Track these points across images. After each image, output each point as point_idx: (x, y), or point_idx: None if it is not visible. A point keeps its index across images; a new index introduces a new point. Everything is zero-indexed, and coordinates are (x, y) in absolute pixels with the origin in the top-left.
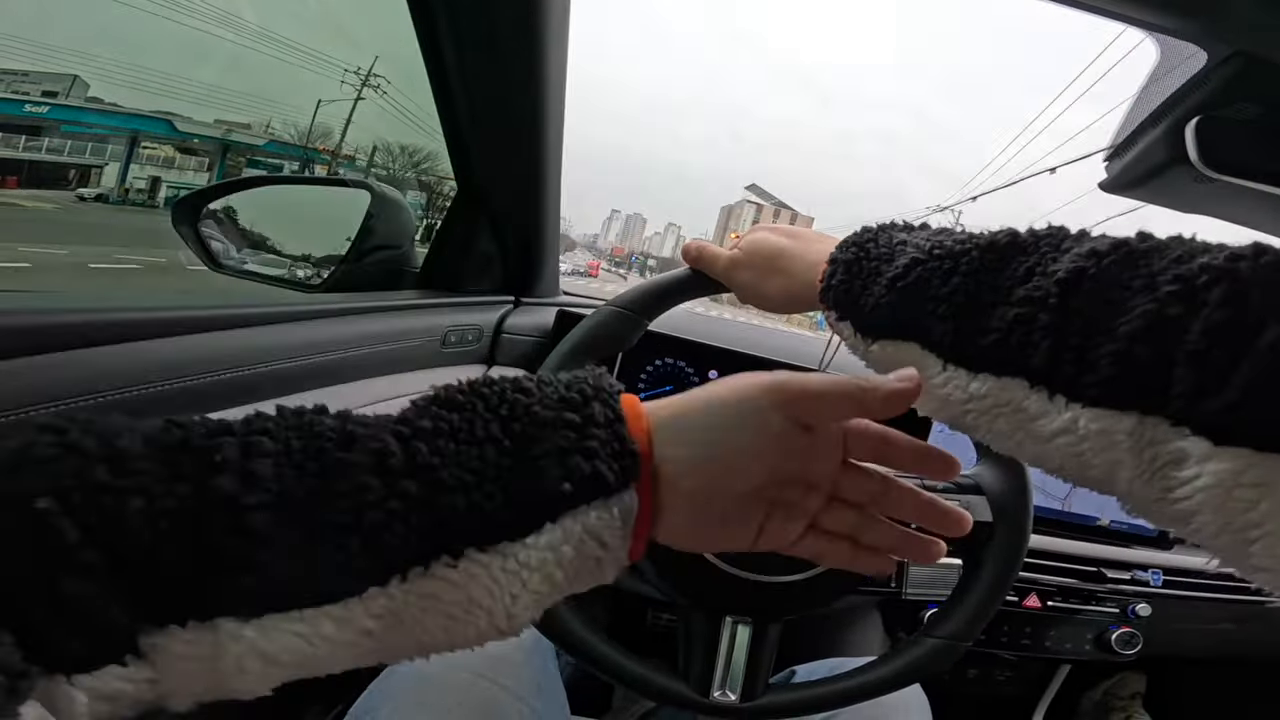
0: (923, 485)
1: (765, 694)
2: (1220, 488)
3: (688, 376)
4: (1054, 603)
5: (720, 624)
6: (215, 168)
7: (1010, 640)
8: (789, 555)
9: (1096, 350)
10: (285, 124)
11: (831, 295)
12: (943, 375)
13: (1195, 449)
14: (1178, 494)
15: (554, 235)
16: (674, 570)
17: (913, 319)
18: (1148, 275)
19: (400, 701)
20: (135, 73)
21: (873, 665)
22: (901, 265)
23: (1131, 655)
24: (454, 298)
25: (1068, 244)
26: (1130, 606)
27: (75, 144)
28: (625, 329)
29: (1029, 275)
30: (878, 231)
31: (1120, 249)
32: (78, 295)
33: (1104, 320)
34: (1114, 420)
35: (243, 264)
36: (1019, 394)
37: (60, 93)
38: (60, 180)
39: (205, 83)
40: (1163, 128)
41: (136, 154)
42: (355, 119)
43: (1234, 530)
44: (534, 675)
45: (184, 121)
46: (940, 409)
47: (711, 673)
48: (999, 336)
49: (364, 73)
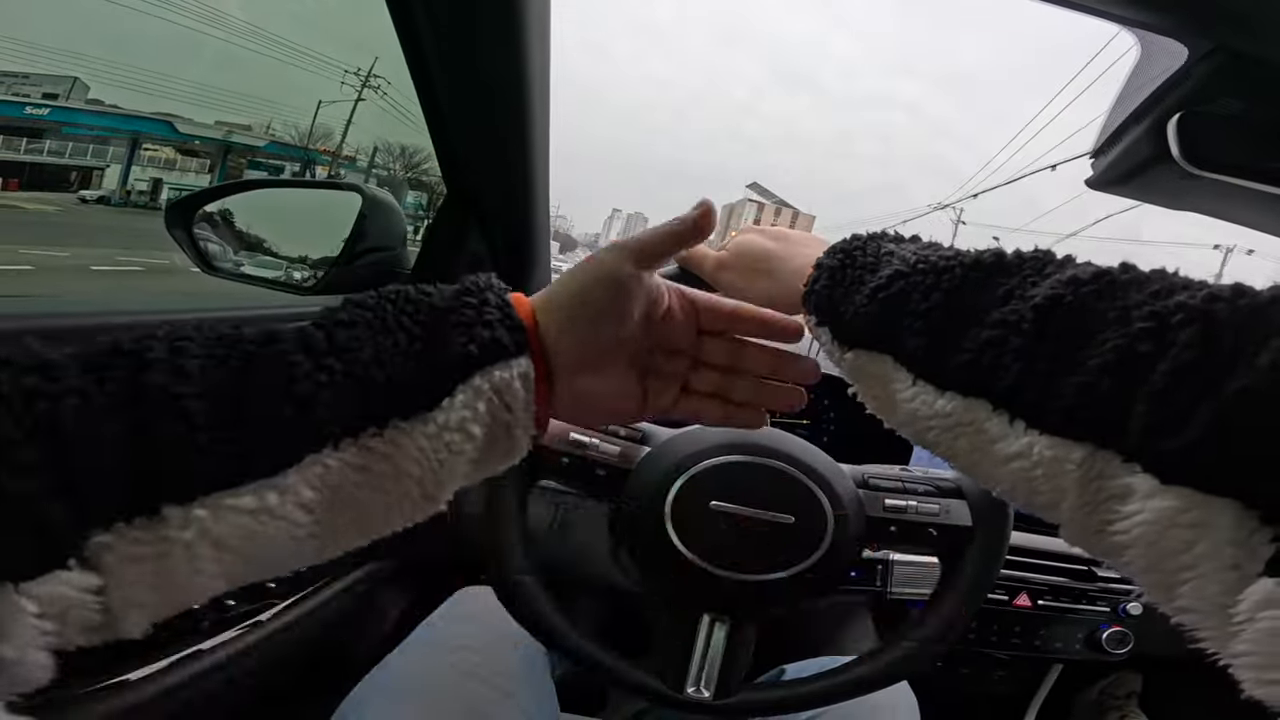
0: (903, 486)
1: (740, 692)
2: (1158, 525)
3: None
4: (1044, 601)
5: (698, 621)
6: (217, 169)
7: (1000, 640)
8: (678, 415)
9: (1063, 379)
10: (286, 125)
11: (813, 300)
12: (911, 390)
13: (1141, 485)
14: (1116, 527)
15: (544, 234)
16: (653, 567)
17: (889, 331)
18: (1123, 309)
19: (389, 698)
20: (135, 74)
21: (849, 666)
22: (885, 276)
23: (1123, 654)
24: None
25: (1050, 269)
26: (1121, 605)
27: (76, 146)
28: None
29: (1007, 298)
30: (866, 240)
31: (1101, 279)
32: (78, 299)
33: (1074, 350)
34: (1067, 449)
35: (238, 266)
36: (981, 415)
37: (61, 95)
38: (62, 182)
39: (205, 84)
40: (1146, 125)
41: (138, 156)
42: (356, 120)
43: (1164, 570)
44: (521, 672)
45: (184, 123)
46: (906, 423)
47: (687, 669)
48: (970, 357)
49: (364, 73)
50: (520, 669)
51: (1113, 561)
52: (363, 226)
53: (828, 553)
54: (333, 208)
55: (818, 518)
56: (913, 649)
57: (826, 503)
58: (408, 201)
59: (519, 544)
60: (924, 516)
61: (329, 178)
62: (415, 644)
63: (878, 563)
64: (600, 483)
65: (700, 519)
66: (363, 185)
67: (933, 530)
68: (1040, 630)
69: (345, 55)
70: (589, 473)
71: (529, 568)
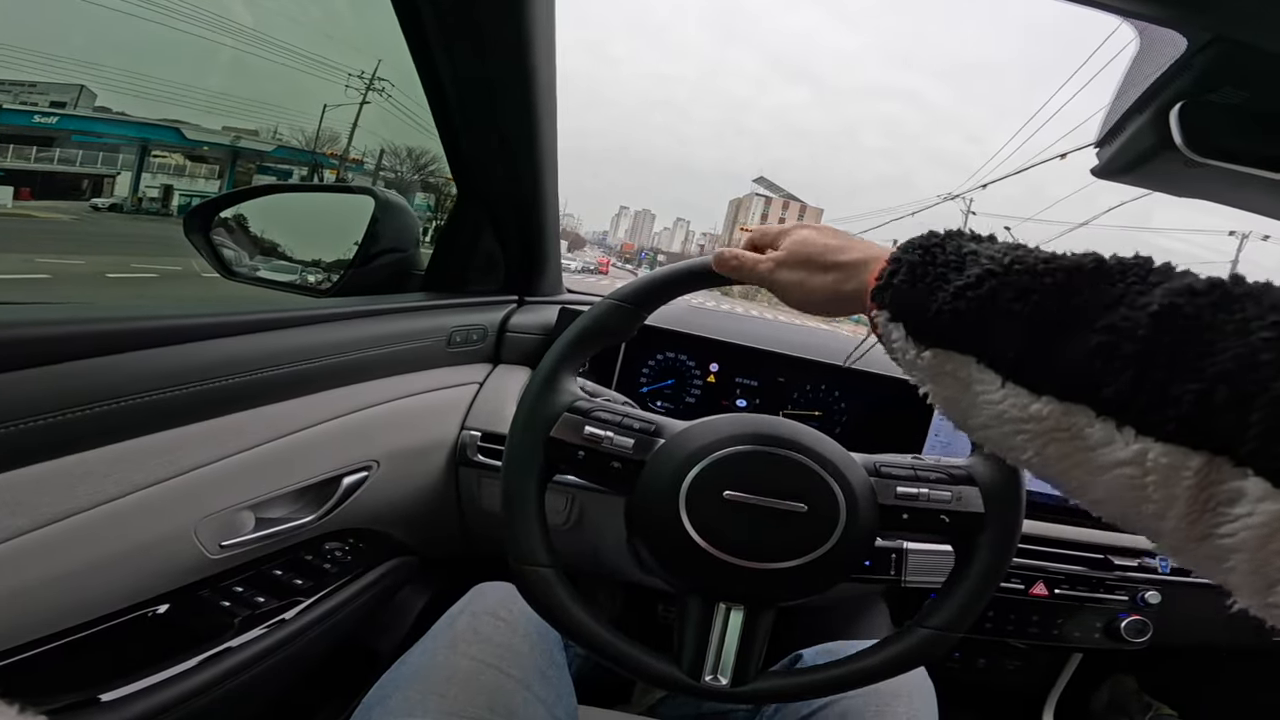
0: (915, 474)
1: (757, 679)
2: (1267, 528)
3: (689, 370)
4: (1061, 590)
5: (714, 610)
6: (226, 174)
7: (1018, 629)
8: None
9: (1180, 386)
10: (293, 129)
11: (889, 295)
12: (1000, 392)
13: (1253, 489)
14: (1222, 530)
15: (554, 234)
16: (669, 557)
17: (977, 331)
18: (1242, 320)
19: (409, 691)
20: (142, 81)
21: (864, 653)
22: (974, 275)
23: (1142, 644)
24: (459, 298)
25: (1154, 277)
26: (1140, 594)
27: (87, 154)
28: (623, 321)
29: (1115, 304)
30: (945, 238)
31: (1216, 290)
32: (107, 305)
33: (1192, 358)
34: (1184, 456)
35: (255, 271)
36: (1082, 420)
37: (69, 103)
38: (73, 191)
39: (211, 91)
40: (1148, 115)
41: (147, 163)
42: (362, 123)
43: (1267, 571)
44: (539, 664)
45: (192, 129)
46: (989, 426)
47: (704, 657)
48: (1075, 362)
49: (369, 77)
50: (539, 661)
51: (1209, 569)
52: (376, 229)
53: (840, 540)
54: (346, 211)
55: (830, 506)
56: (928, 636)
57: (839, 491)
58: (417, 203)
59: (539, 536)
60: (936, 504)
61: (339, 181)
62: (434, 638)
63: (892, 552)
64: (615, 475)
65: (714, 509)
66: (375, 188)
67: (945, 517)
68: (1058, 619)
69: (350, 59)
70: (604, 465)
71: (549, 560)
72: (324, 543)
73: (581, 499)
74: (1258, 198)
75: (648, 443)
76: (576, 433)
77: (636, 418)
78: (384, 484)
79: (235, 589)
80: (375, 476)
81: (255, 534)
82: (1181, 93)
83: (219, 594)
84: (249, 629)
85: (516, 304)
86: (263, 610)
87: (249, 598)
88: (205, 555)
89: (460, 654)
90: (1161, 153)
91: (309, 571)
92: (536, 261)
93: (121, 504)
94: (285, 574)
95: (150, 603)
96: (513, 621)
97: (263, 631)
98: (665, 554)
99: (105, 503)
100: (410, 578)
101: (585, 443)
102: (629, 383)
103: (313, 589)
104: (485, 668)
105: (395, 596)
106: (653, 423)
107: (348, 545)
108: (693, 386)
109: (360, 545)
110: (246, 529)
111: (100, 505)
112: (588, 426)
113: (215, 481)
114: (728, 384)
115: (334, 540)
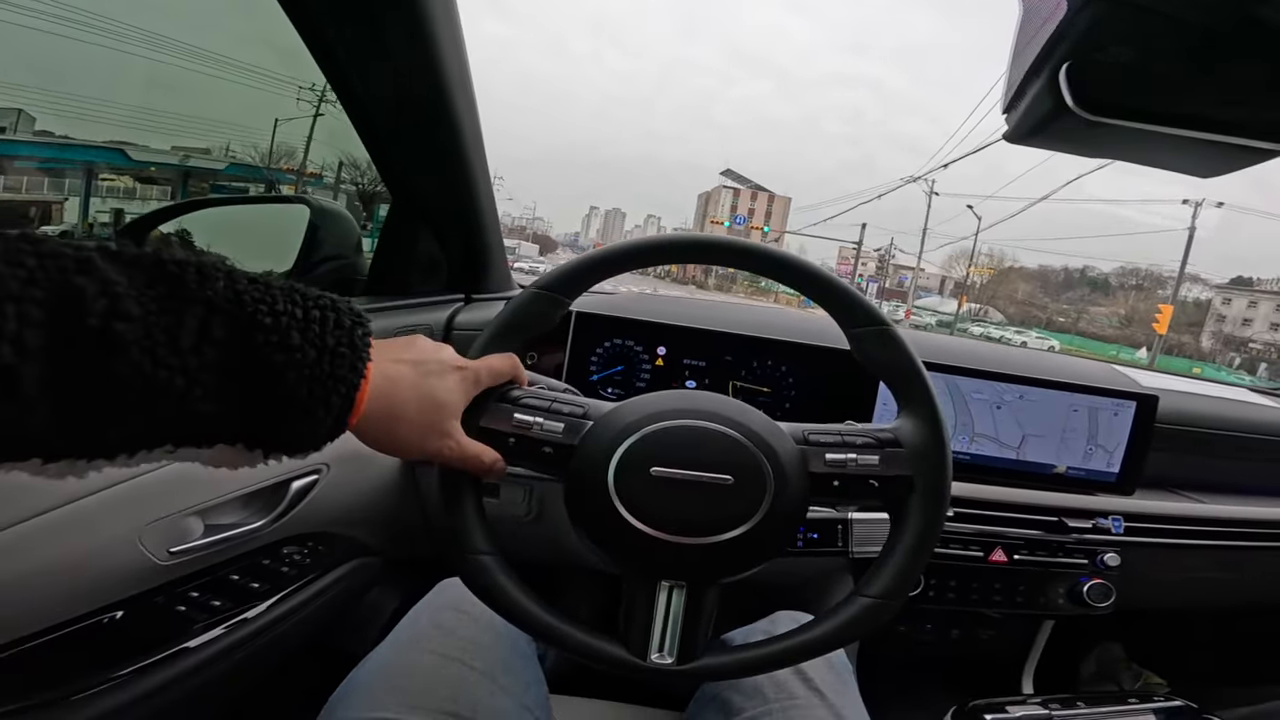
0: (843, 440)
1: (703, 656)
2: None
3: (637, 355)
4: (1021, 556)
5: (656, 589)
6: (178, 194)
7: (982, 598)
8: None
9: None
10: (245, 146)
11: None
12: None
13: None
14: None
15: (495, 230)
16: (605, 538)
17: None
18: None
19: (373, 689)
20: (78, 104)
21: (807, 627)
22: None
23: (1107, 607)
24: (403, 300)
25: None
26: (1099, 556)
27: (32, 180)
28: (547, 308)
29: None
30: None
31: None
32: None
33: None
34: None
35: None
36: None
37: (8, 128)
38: (21, 219)
39: (153, 110)
40: (1044, 77)
41: (95, 186)
42: (318, 135)
43: None
44: (504, 655)
45: (138, 150)
46: None
47: (649, 636)
48: None
49: (319, 89)
50: (504, 653)
51: None
52: (315, 236)
53: (770, 510)
54: (282, 221)
55: (756, 477)
56: (868, 605)
57: (765, 461)
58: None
59: (477, 523)
60: (864, 469)
61: (274, 192)
62: (399, 635)
63: (838, 523)
64: (548, 460)
65: (643, 486)
66: (309, 196)
67: (874, 482)
68: (1020, 586)
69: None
70: (536, 451)
71: (487, 546)
72: (282, 547)
73: (540, 491)
74: (1160, 154)
75: (577, 425)
76: (506, 420)
77: (566, 402)
78: (336, 487)
79: (191, 594)
80: (326, 480)
81: (206, 539)
82: (1070, 54)
83: (175, 599)
84: (208, 630)
85: (463, 302)
86: (221, 612)
87: (205, 601)
88: (154, 562)
89: (423, 649)
90: (1061, 115)
91: (267, 575)
92: (479, 259)
93: (59, 514)
94: (242, 578)
95: (105, 609)
96: (476, 615)
97: (222, 631)
98: (601, 535)
99: (45, 512)
100: (375, 579)
101: (515, 430)
102: (579, 372)
103: (270, 591)
104: (449, 662)
105: (365, 597)
106: (581, 406)
107: (306, 549)
108: (642, 371)
109: (320, 548)
110: (195, 535)
111: (40, 515)
112: (516, 414)
113: (156, 489)
114: (676, 366)
115: (292, 545)
